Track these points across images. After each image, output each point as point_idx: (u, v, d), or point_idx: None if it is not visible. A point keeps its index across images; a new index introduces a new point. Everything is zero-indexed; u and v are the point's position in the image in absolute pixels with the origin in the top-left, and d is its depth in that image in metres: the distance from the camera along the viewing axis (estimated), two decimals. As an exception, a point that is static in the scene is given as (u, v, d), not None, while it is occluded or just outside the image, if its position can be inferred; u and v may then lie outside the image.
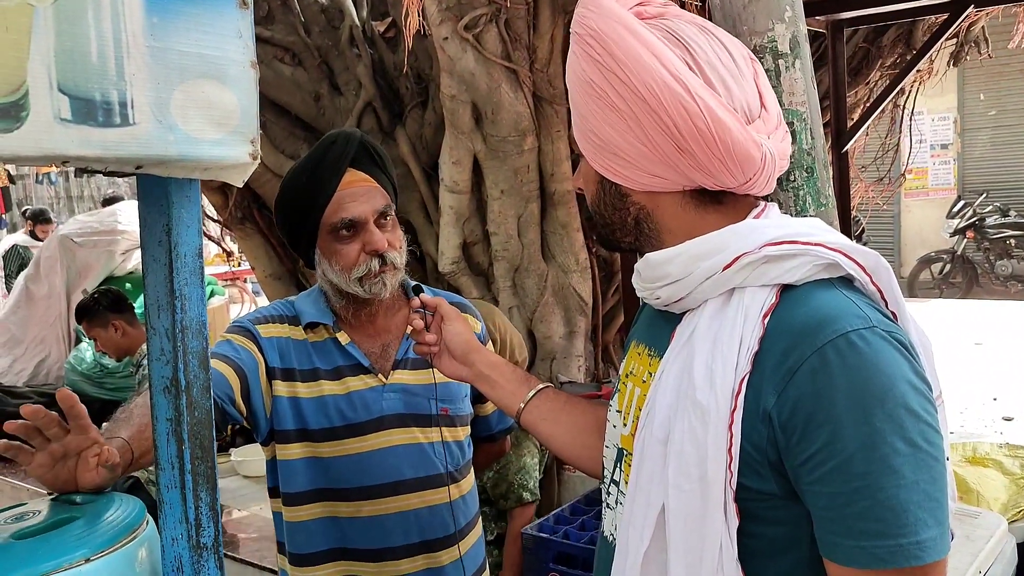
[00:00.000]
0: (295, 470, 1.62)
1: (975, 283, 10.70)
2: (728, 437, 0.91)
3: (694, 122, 0.93)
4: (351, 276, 1.60)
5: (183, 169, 0.79)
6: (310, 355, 1.65)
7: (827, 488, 0.88)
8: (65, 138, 0.68)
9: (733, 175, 0.97)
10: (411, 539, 1.64)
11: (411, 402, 1.66)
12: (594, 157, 1.04)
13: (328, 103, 3.89)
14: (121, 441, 1.21)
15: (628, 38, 0.95)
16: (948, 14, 3.71)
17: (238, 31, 0.80)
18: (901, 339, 0.91)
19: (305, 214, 1.61)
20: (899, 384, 0.87)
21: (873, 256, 0.96)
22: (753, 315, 0.94)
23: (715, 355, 0.94)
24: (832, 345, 0.88)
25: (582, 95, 1.01)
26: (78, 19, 0.69)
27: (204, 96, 0.78)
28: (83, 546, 0.91)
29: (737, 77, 0.98)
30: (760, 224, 0.99)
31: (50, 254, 5.87)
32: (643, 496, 0.99)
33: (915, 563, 0.85)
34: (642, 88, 0.94)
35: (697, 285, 0.98)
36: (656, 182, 1.00)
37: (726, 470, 0.92)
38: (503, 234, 3.55)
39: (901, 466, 0.85)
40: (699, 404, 0.93)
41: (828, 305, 0.92)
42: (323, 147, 1.63)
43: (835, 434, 0.87)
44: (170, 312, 0.85)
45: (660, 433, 0.98)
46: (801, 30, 1.21)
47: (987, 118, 11.68)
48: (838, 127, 4.01)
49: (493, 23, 3.24)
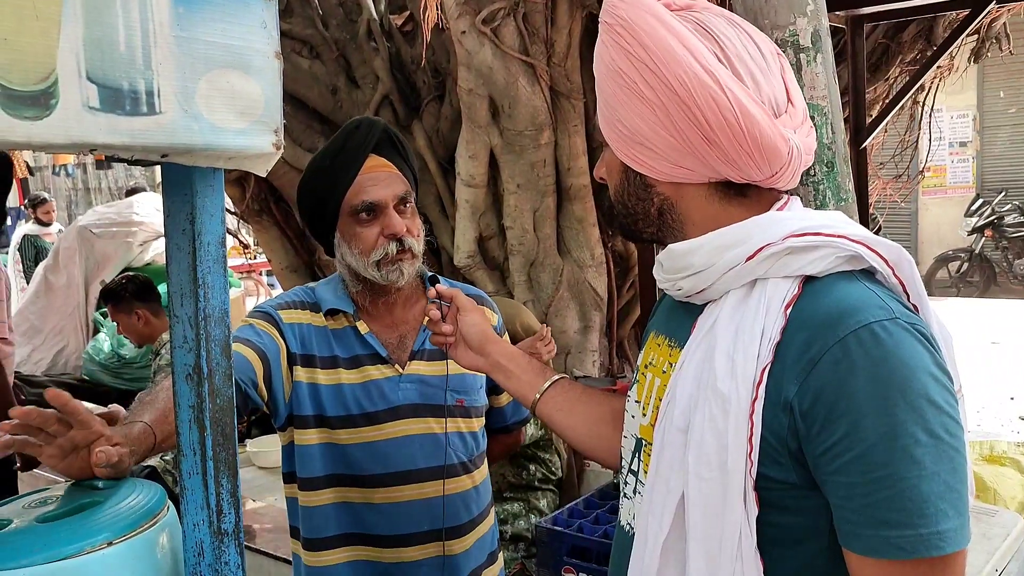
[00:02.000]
0: (312, 455, 1.64)
1: (993, 282, 10.61)
2: (749, 426, 0.92)
3: (723, 114, 0.93)
4: (369, 260, 1.61)
5: (207, 158, 0.80)
6: (330, 342, 1.66)
7: (847, 478, 0.88)
8: (93, 126, 0.69)
9: (760, 168, 0.97)
10: (422, 527, 1.66)
11: (427, 393, 1.67)
12: (620, 147, 1.03)
13: (345, 96, 3.90)
14: (143, 425, 1.22)
15: (659, 29, 0.95)
16: (969, 10, 3.68)
17: (263, 21, 0.81)
18: (923, 331, 0.91)
19: (327, 197, 1.63)
20: (921, 375, 0.87)
21: (896, 249, 0.96)
22: (775, 306, 0.94)
23: (737, 345, 0.95)
24: (854, 336, 0.88)
25: (611, 84, 1.01)
26: (107, 8, 0.69)
27: (229, 86, 0.79)
28: (105, 530, 0.92)
29: (765, 71, 0.98)
30: (783, 216, 0.99)
31: (69, 244, 5.92)
32: (663, 484, 1.00)
33: (936, 553, 0.85)
34: (672, 79, 0.94)
35: (720, 276, 0.98)
36: (682, 173, 1.00)
37: (746, 459, 0.92)
38: (519, 228, 3.55)
39: (922, 456, 0.85)
40: (720, 393, 0.94)
41: (851, 296, 0.92)
42: (346, 132, 1.66)
43: (856, 424, 0.87)
44: (193, 300, 0.86)
45: (680, 422, 0.98)
46: (823, 24, 1.20)
47: (1007, 116, 11.57)
48: (857, 123, 3.99)
49: (511, 17, 3.23)
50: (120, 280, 3.96)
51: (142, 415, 1.24)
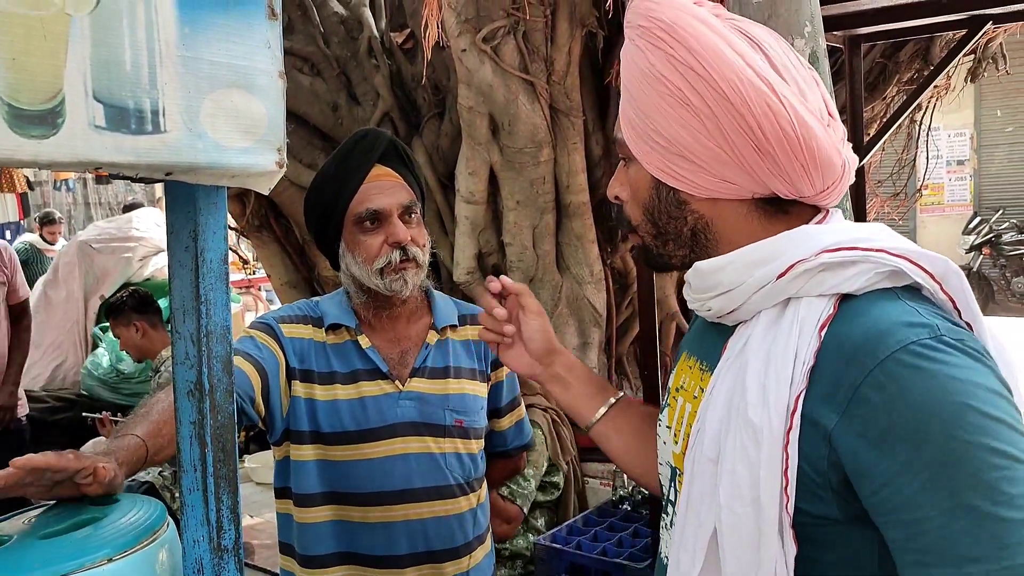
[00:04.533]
0: (307, 472, 1.63)
1: (991, 300, 10.63)
2: (784, 458, 0.85)
3: (779, 123, 0.87)
4: (372, 268, 1.61)
5: (211, 176, 0.81)
6: (328, 358, 1.65)
7: (911, 514, 0.80)
8: (99, 145, 0.70)
9: (813, 182, 0.91)
10: (417, 548, 1.63)
11: (426, 411, 1.66)
12: (654, 160, 0.96)
13: (346, 113, 3.92)
14: (135, 438, 1.22)
15: (706, 31, 0.88)
16: (966, 30, 3.71)
17: (267, 41, 0.82)
18: (975, 346, 0.83)
19: (331, 205, 1.63)
20: (979, 392, 0.79)
21: (942, 262, 0.88)
22: (809, 327, 0.87)
23: (768, 370, 0.88)
24: (895, 358, 0.81)
25: (648, 92, 0.93)
26: (113, 29, 0.70)
27: (233, 105, 0.79)
28: (105, 547, 0.92)
29: (810, 83, 0.92)
30: (817, 230, 0.92)
31: (68, 259, 5.92)
32: (694, 517, 0.94)
33: None
34: (724, 85, 0.87)
35: (750, 295, 0.92)
36: (724, 188, 0.93)
37: (781, 493, 0.85)
38: (518, 245, 3.56)
39: (997, 481, 0.77)
40: (751, 423, 0.87)
41: (890, 316, 0.84)
42: (352, 141, 1.67)
43: (915, 453, 0.79)
44: (195, 317, 0.86)
45: (711, 452, 0.92)
46: (821, 46, 1.21)
47: (1004, 134, 11.63)
48: (855, 142, 4.00)
49: (511, 35, 3.26)
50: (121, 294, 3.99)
51: (134, 428, 1.25)
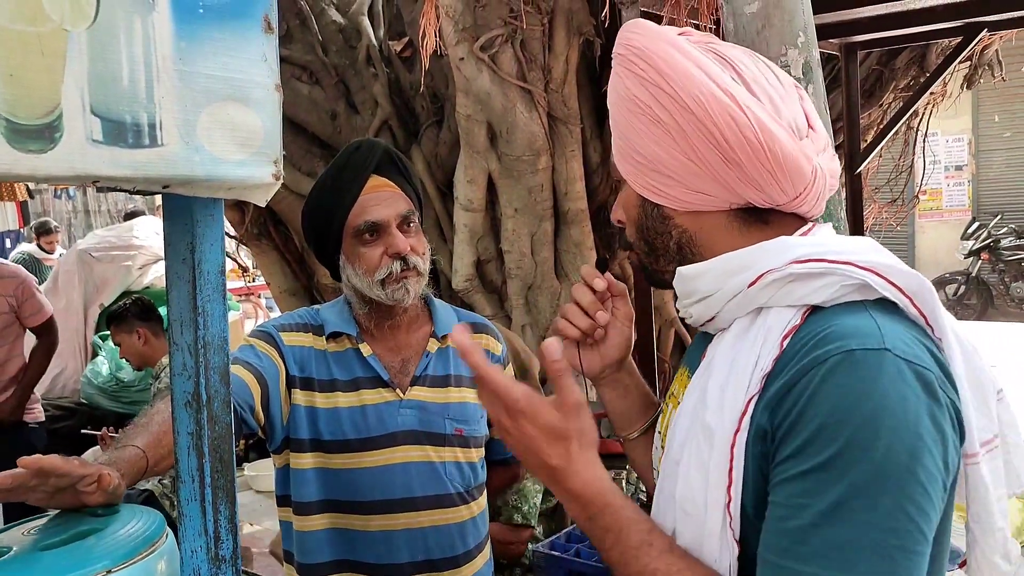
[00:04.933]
0: (307, 480, 1.63)
1: (990, 305, 10.63)
2: (729, 458, 0.86)
3: (742, 132, 0.90)
4: (373, 279, 1.61)
5: (208, 189, 0.81)
6: (329, 365, 1.65)
7: (777, 497, 0.83)
8: (97, 159, 0.71)
9: (783, 188, 0.93)
10: (416, 557, 1.63)
11: (426, 419, 1.66)
12: (636, 178, 1.00)
13: (344, 121, 3.93)
14: (135, 449, 1.22)
15: (675, 54, 0.93)
16: (961, 37, 3.72)
17: (263, 55, 0.82)
18: (922, 373, 0.82)
19: (330, 219, 1.63)
20: (891, 415, 0.79)
21: (915, 278, 0.89)
22: (774, 336, 0.88)
23: (730, 376, 0.90)
24: (832, 360, 0.81)
25: (625, 113, 0.98)
26: (111, 44, 0.71)
27: (229, 118, 0.80)
28: (104, 558, 0.92)
29: (784, 97, 0.95)
30: (794, 241, 0.93)
31: (68, 268, 5.93)
32: (661, 518, 0.95)
33: None
34: (688, 99, 0.91)
35: (725, 303, 0.94)
36: (701, 199, 0.96)
37: (724, 493, 0.86)
38: (517, 252, 3.57)
39: (853, 498, 0.78)
40: (707, 426, 0.89)
41: (846, 324, 0.84)
42: (348, 153, 1.66)
43: (804, 446, 0.81)
44: (192, 328, 0.86)
45: (677, 455, 0.94)
46: (814, 55, 1.22)
47: (1002, 140, 11.66)
48: (852, 149, 4.02)
49: (509, 44, 3.27)
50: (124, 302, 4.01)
51: (134, 439, 1.25)
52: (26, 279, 4.03)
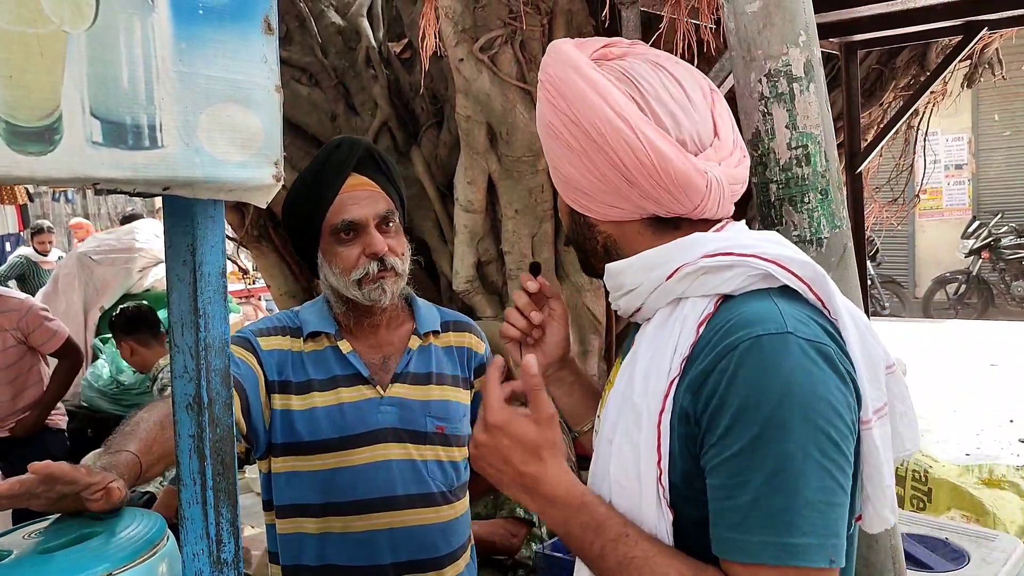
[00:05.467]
0: (287, 483, 1.62)
1: (990, 304, 10.64)
2: (656, 436, 0.96)
3: (636, 155, 0.99)
4: (350, 279, 1.60)
5: (208, 190, 0.81)
6: (305, 366, 1.64)
7: (716, 480, 0.91)
8: (96, 161, 0.70)
9: (680, 202, 1.02)
10: (399, 557, 1.62)
11: (407, 417, 1.64)
12: (562, 191, 1.11)
13: (344, 123, 3.93)
14: (130, 455, 1.22)
15: (577, 81, 1.01)
16: (962, 36, 3.72)
17: (263, 56, 0.82)
18: (822, 349, 0.92)
19: (309, 216, 1.61)
20: (800, 390, 0.89)
21: (811, 267, 0.99)
22: (690, 323, 0.98)
23: (652, 361, 1.00)
24: (743, 346, 0.91)
25: (545, 136, 1.09)
26: (110, 45, 0.71)
27: (229, 119, 0.80)
28: (105, 560, 0.92)
29: (687, 109, 1.03)
30: (705, 237, 1.03)
31: (68, 271, 5.92)
32: (596, 492, 1.03)
33: (774, 562, 0.87)
34: (588, 126, 1.01)
35: (648, 295, 1.04)
36: (615, 212, 1.06)
37: (655, 467, 0.96)
38: (517, 253, 3.57)
39: (783, 469, 0.87)
40: (635, 406, 0.99)
41: (752, 311, 0.94)
42: (328, 150, 1.64)
43: (728, 430, 0.90)
44: (193, 330, 0.86)
45: (608, 434, 1.03)
46: (815, 54, 1.22)
47: (1002, 139, 11.65)
48: (852, 148, 4.02)
49: (508, 45, 3.27)
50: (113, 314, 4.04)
51: (127, 445, 1.24)
52: (30, 309, 4.01)
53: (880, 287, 10.66)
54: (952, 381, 6.97)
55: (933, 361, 7.68)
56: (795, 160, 1.21)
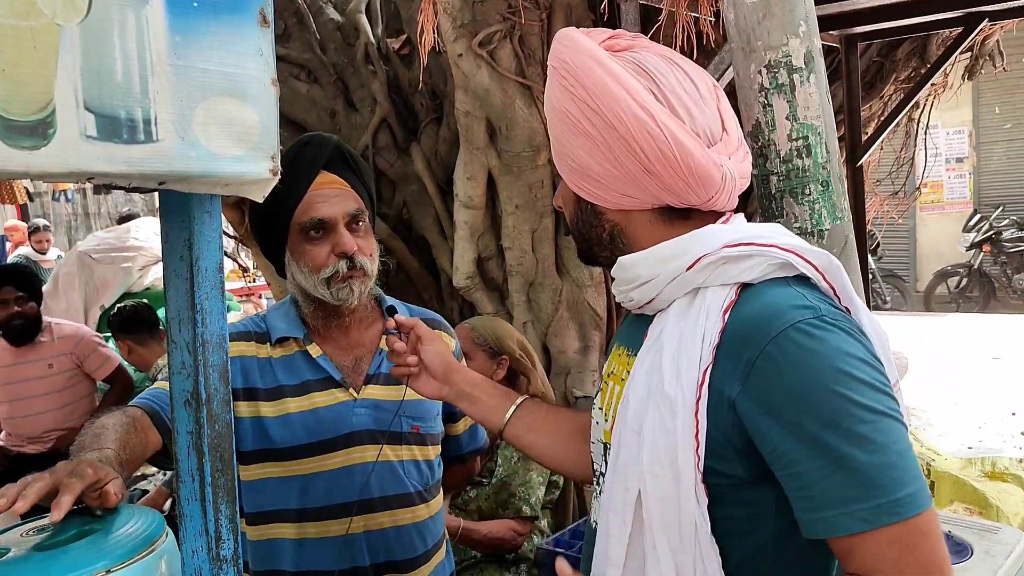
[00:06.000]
0: (258, 490, 1.60)
1: (992, 297, 10.62)
2: (695, 424, 0.99)
3: (659, 146, 1.01)
4: (319, 278, 1.57)
5: (204, 185, 0.80)
6: (274, 372, 1.62)
7: (801, 467, 0.93)
8: (91, 155, 0.70)
9: (696, 193, 1.05)
10: (377, 559, 1.61)
11: (382, 418, 1.63)
12: (571, 179, 1.13)
13: (344, 120, 3.92)
14: (113, 452, 1.22)
15: (597, 70, 1.03)
16: (962, 28, 3.71)
17: (259, 49, 0.82)
18: (851, 325, 0.98)
19: (277, 214, 1.58)
20: (851, 361, 0.94)
21: (824, 255, 1.03)
22: (715, 311, 1.01)
23: (681, 350, 1.02)
24: (785, 335, 0.95)
25: (559, 123, 1.09)
26: (104, 39, 0.70)
27: (225, 113, 0.79)
28: (103, 557, 0.92)
29: (700, 103, 1.06)
30: (720, 229, 1.07)
31: (68, 270, 5.92)
32: (621, 483, 1.06)
33: (896, 519, 0.90)
34: (611, 116, 1.03)
35: (664, 286, 1.06)
36: (627, 201, 1.08)
37: (694, 455, 0.98)
38: (517, 249, 3.56)
39: (868, 433, 0.91)
40: (667, 396, 1.01)
41: (779, 298, 0.98)
42: (297, 147, 1.62)
43: (800, 417, 0.93)
44: (191, 325, 0.86)
45: (634, 424, 1.05)
46: (815, 45, 1.21)
47: (1003, 131, 11.63)
48: (852, 141, 4.01)
49: (507, 39, 3.26)
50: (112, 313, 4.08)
51: (106, 444, 1.24)
52: (84, 336, 4.14)
53: (881, 281, 10.64)
54: (954, 374, 6.96)
55: (935, 355, 7.67)
56: (796, 151, 1.20)
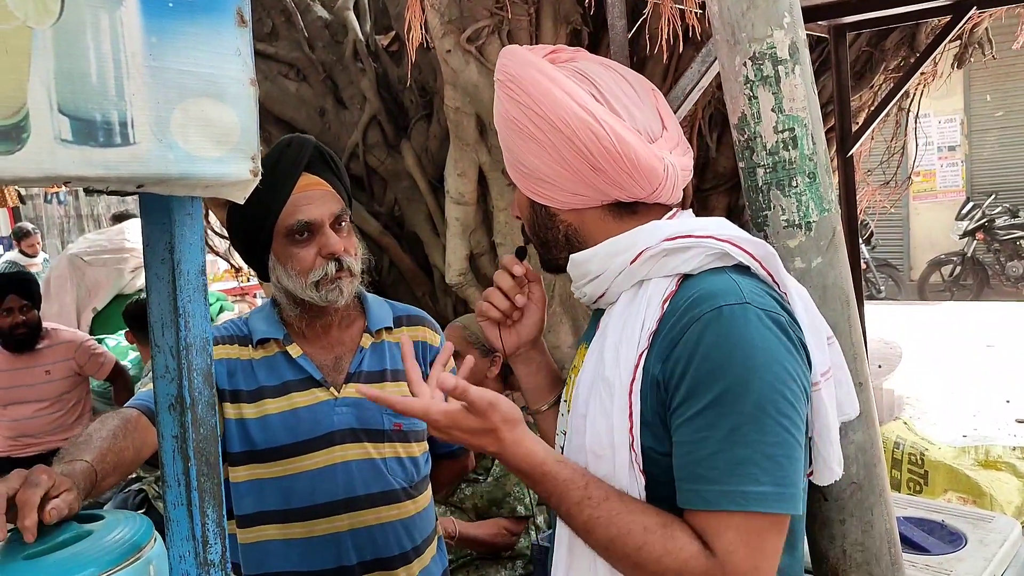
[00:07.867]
0: (246, 492, 1.60)
1: (986, 285, 10.64)
2: (628, 404, 1.04)
3: (602, 143, 1.07)
4: (307, 280, 1.57)
5: (184, 187, 0.80)
6: (256, 373, 1.62)
7: (681, 437, 1.00)
8: (66, 159, 0.69)
9: (641, 186, 1.10)
10: (365, 557, 1.61)
11: (363, 416, 1.63)
12: (524, 184, 1.17)
13: (333, 118, 3.91)
14: (85, 464, 1.21)
15: (540, 78, 1.09)
16: (951, 16, 3.70)
17: (237, 49, 0.81)
18: (776, 318, 1.01)
19: (261, 218, 1.58)
20: (759, 355, 0.98)
21: (761, 245, 1.08)
22: (656, 301, 1.07)
23: (622, 337, 1.07)
24: (706, 317, 1.00)
25: (507, 131, 1.15)
26: (77, 41, 0.69)
27: (204, 114, 0.78)
28: (92, 564, 0.91)
29: (638, 104, 1.13)
30: (664, 224, 1.12)
31: (60, 273, 5.91)
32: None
33: (734, 508, 0.96)
34: (556, 119, 1.08)
35: (612, 280, 1.12)
36: (577, 199, 1.13)
37: (628, 434, 1.04)
38: (510, 244, 3.56)
39: (743, 425, 0.96)
40: (607, 379, 1.07)
41: (712, 285, 1.03)
42: (278, 151, 1.61)
43: (694, 391, 0.98)
44: (174, 330, 0.85)
45: (582, 409, 1.11)
46: (800, 36, 1.21)
47: (994, 119, 11.63)
48: (843, 131, 4.00)
49: (495, 35, 3.25)
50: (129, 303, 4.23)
51: (83, 454, 1.23)
52: (83, 341, 4.23)
53: (875, 270, 10.66)
54: (948, 363, 6.98)
55: (929, 343, 7.68)
56: (782, 143, 1.20)
